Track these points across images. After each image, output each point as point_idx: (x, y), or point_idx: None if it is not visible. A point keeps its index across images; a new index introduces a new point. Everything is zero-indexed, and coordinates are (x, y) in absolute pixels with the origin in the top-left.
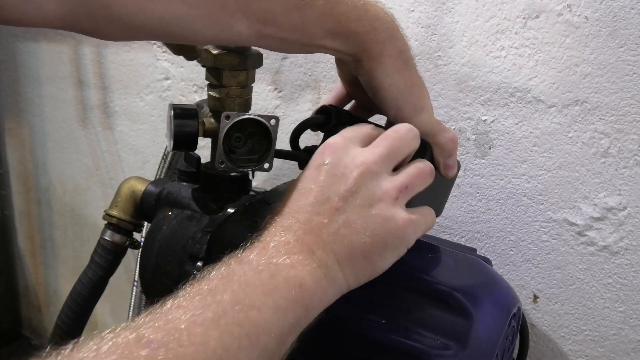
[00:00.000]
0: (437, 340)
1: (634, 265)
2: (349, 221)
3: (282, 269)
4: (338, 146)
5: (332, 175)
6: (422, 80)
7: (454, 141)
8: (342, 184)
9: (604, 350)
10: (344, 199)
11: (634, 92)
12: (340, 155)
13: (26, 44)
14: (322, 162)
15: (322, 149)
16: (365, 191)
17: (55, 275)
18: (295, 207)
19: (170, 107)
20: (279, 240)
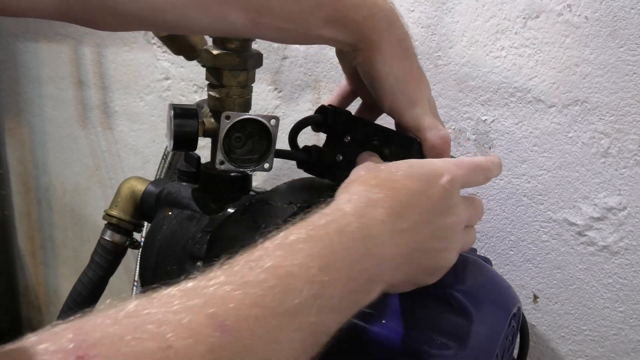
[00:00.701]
0: (437, 340)
1: (634, 265)
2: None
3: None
4: (456, 182)
5: (444, 204)
6: (421, 71)
7: (445, 140)
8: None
9: (604, 350)
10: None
11: (634, 92)
12: (455, 193)
13: (26, 44)
14: (443, 185)
15: (444, 170)
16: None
17: (55, 275)
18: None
19: (170, 107)
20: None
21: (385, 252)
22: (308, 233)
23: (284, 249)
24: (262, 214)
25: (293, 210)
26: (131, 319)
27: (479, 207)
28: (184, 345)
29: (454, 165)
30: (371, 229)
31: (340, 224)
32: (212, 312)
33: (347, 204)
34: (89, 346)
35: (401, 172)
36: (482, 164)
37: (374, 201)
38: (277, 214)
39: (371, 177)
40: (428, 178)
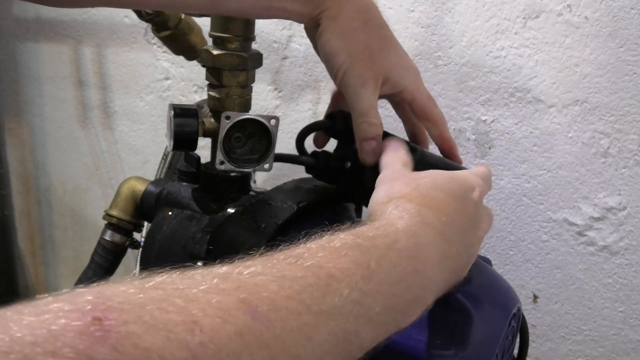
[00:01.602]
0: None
1: (633, 265)
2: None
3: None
4: (483, 195)
5: (476, 219)
6: (385, 44)
7: (376, 127)
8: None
9: (604, 350)
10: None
11: (634, 92)
12: (481, 207)
13: (26, 44)
14: (475, 200)
15: (474, 183)
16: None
17: (55, 275)
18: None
19: (170, 107)
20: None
21: (433, 275)
22: (355, 241)
23: (328, 251)
24: (262, 214)
25: (293, 210)
26: (157, 291)
27: (492, 217)
28: (211, 323)
29: (479, 177)
30: (421, 250)
31: (390, 239)
32: (244, 297)
33: (399, 220)
34: (108, 309)
35: (442, 189)
36: (489, 175)
37: (425, 221)
38: (277, 214)
39: (417, 194)
40: (463, 194)
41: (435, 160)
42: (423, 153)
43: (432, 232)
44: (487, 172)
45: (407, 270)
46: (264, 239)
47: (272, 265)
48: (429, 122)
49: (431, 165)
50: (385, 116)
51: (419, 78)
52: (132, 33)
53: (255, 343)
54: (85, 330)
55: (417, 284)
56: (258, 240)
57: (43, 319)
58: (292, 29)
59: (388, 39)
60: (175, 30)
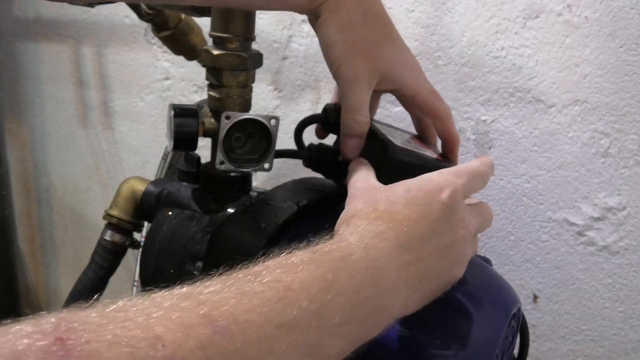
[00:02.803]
0: (437, 340)
1: (633, 265)
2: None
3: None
4: (459, 194)
5: (449, 220)
6: (385, 39)
7: (361, 125)
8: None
9: (604, 350)
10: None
11: (634, 92)
12: (459, 206)
13: (26, 44)
14: (444, 202)
15: (443, 184)
16: (461, 255)
17: (55, 275)
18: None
19: (170, 107)
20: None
21: (393, 286)
22: (311, 256)
23: (286, 267)
24: (262, 214)
25: (293, 210)
26: (119, 313)
27: (488, 213)
28: (173, 338)
29: (453, 175)
30: (377, 261)
31: (344, 253)
32: (204, 312)
33: (351, 235)
34: (70, 330)
35: (400, 201)
36: (480, 169)
37: (377, 234)
38: (277, 214)
39: (370, 210)
40: (428, 199)
41: (410, 158)
42: (395, 152)
43: (387, 243)
44: (471, 167)
45: (365, 281)
46: (264, 239)
47: (231, 284)
48: (434, 117)
49: (404, 164)
50: (385, 116)
51: (421, 74)
52: (132, 33)
53: (217, 356)
54: (48, 349)
55: (377, 294)
56: (258, 240)
57: (6, 340)
58: (292, 29)
59: (388, 34)
60: (175, 30)
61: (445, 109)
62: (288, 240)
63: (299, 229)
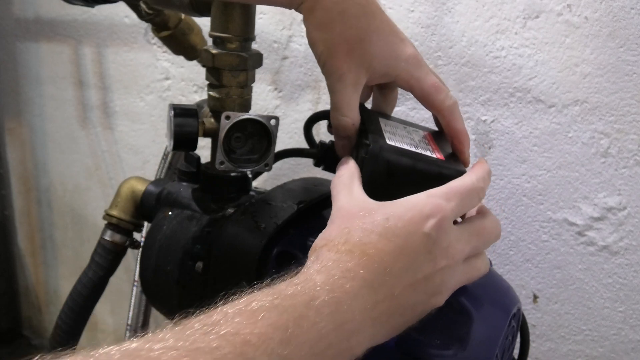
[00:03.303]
0: (437, 340)
1: (633, 265)
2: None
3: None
4: (446, 221)
5: (431, 252)
6: (366, 34)
7: (344, 125)
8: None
9: (604, 350)
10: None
11: (634, 92)
12: (445, 235)
13: (26, 44)
14: (426, 233)
15: (429, 212)
16: (442, 285)
17: (55, 275)
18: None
19: (170, 107)
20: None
21: (358, 327)
22: (273, 302)
23: (245, 316)
24: (262, 214)
25: (293, 210)
26: None
27: (489, 232)
28: None
29: (442, 198)
30: (341, 305)
31: (308, 297)
32: None
33: (317, 275)
34: None
35: (376, 231)
36: (475, 186)
37: (346, 272)
38: (277, 214)
39: (343, 240)
40: (408, 230)
41: (399, 157)
42: (378, 151)
43: (354, 282)
44: (465, 185)
45: (328, 328)
46: (264, 239)
47: (186, 337)
48: (434, 110)
49: (388, 164)
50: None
51: (419, 66)
52: (132, 33)
53: None
54: None
55: (341, 338)
56: (258, 241)
57: None
58: (292, 29)
59: (370, 28)
60: (175, 30)
61: (444, 101)
62: (288, 240)
63: (299, 229)
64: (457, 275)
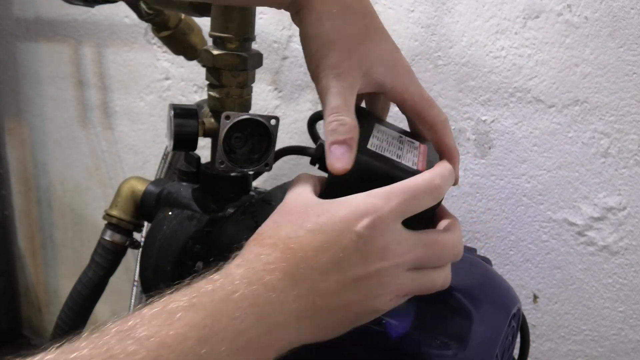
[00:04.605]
0: (437, 340)
1: (633, 265)
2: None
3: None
4: (383, 221)
5: (363, 251)
6: (367, 34)
7: (347, 127)
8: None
9: (604, 350)
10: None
11: (634, 92)
12: (380, 235)
13: (26, 44)
14: (358, 232)
15: (364, 211)
16: (380, 288)
17: (55, 275)
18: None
19: (170, 107)
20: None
21: (280, 320)
22: (191, 301)
23: (161, 317)
24: (262, 214)
25: None
26: None
27: (441, 245)
28: None
29: (382, 198)
30: (260, 297)
31: (227, 292)
32: None
33: (237, 268)
34: None
35: (306, 227)
36: (428, 184)
37: (266, 265)
38: None
39: (268, 235)
40: (339, 227)
41: (380, 171)
42: (362, 166)
43: (274, 275)
44: (413, 184)
45: (248, 322)
46: None
47: (101, 345)
48: (426, 126)
49: (374, 178)
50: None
51: (412, 77)
52: (132, 33)
53: None
54: None
55: (262, 332)
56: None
57: None
58: (292, 29)
59: (372, 29)
60: (175, 30)
61: (437, 116)
62: None
63: None
64: (401, 280)
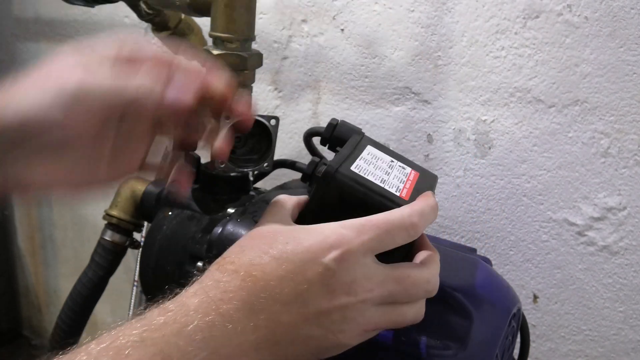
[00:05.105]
0: (437, 340)
1: (633, 265)
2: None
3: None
4: (352, 255)
5: (329, 285)
6: None
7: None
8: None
9: (604, 350)
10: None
11: (634, 92)
12: (348, 270)
13: (26, 44)
14: (325, 264)
15: (334, 242)
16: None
17: (55, 275)
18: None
19: None
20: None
21: (236, 353)
22: (141, 335)
23: (109, 355)
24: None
25: None
26: None
27: (411, 280)
28: None
29: (355, 231)
30: (215, 328)
31: (180, 324)
32: None
33: (193, 297)
34: None
35: (272, 254)
36: (402, 221)
37: (224, 294)
38: None
39: (231, 260)
40: (305, 258)
41: (358, 195)
42: (340, 188)
43: (232, 305)
44: (390, 219)
45: (202, 356)
46: None
47: None
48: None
49: (351, 200)
50: (384, 116)
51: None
52: (132, 33)
53: None
54: None
55: None
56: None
57: None
58: (292, 29)
59: None
60: (175, 30)
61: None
62: None
63: None
64: (368, 316)
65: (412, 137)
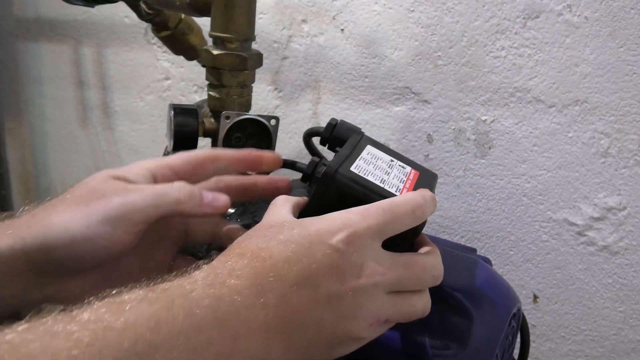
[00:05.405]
0: (437, 340)
1: (633, 265)
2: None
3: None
4: (359, 237)
5: (338, 267)
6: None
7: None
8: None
9: (604, 350)
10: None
11: (634, 92)
12: (357, 251)
13: (26, 44)
14: (333, 245)
15: (341, 225)
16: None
17: None
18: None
19: (170, 106)
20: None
21: (246, 329)
22: (145, 294)
23: (110, 306)
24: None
25: None
26: None
27: (419, 266)
28: None
29: (358, 214)
30: (223, 300)
31: (185, 289)
32: None
33: (199, 272)
34: None
35: (280, 238)
36: (405, 205)
37: (232, 271)
38: None
39: (237, 246)
40: (312, 240)
41: (357, 194)
42: (339, 188)
43: (239, 281)
44: (393, 203)
45: (207, 321)
46: None
47: (39, 324)
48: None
49: (351, 200)
50: (385, 116)
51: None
52: (132, 33)
53: None
54: None
55: (225, 337)
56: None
57: None
58: (292, 29)
59: None
60: (175, 30)
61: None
62: None
63: None
64: (379, 303)
65: (412, 137)
